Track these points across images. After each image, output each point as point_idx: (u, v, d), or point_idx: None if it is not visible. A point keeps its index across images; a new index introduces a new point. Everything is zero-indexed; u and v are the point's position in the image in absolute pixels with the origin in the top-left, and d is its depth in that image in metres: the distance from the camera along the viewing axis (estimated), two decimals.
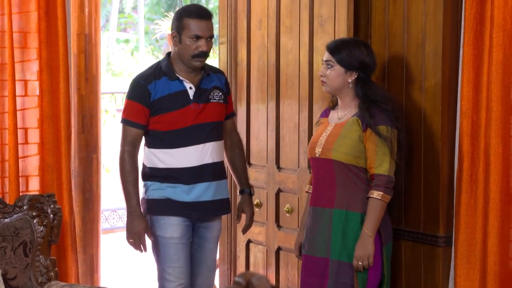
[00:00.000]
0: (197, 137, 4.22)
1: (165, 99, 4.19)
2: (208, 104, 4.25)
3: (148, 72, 4.28)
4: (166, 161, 4.23)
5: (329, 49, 4.03)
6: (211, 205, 4.27)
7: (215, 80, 4.31)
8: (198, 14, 4.19)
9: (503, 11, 3.84)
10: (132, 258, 8.54)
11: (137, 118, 4.21)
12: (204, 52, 4.18)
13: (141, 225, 4.20)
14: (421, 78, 4.12)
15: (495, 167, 3.88)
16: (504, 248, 3.91)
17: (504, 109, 3.87)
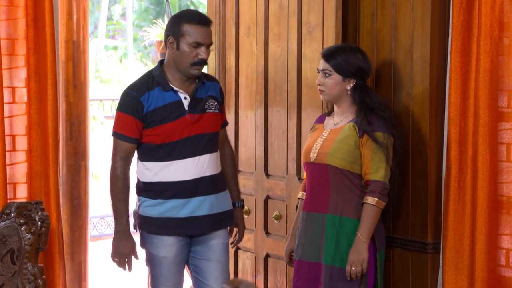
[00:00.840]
0: (193, 149, 4.07)
1: (159, 110, 4.03)
2: (204, 114, 4.10)
3: (140, 83, 4.11)
4: (160, 175, 4.08)
5: (325, 57, 4.02)
6: (208, 220, 4.12)
7: (210, 88, 4.17)
8: (199, 20, 4.04)
9: (490, 18, 3.85)
10: None
11: (129, 132, 4.05)
12: (204, 60, 4.04)
13: (128, 246, 4.08)
14: (409, 85, 4.13)
15: (483, 174, 3.89)
16: (492, 254, 3.91)
17: (492, 116, 3.88)
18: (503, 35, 3.86)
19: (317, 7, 4.44)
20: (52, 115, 4.50)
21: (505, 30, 3.86)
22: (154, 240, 4.10)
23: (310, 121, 4.49)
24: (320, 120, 4.19)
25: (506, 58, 3.86)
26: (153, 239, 4.11)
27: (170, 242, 4.09)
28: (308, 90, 4.53)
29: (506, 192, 3.90)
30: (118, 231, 4.09)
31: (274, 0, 4.72)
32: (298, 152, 4.59)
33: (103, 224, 10.39)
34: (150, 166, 4.09)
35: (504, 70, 3.87)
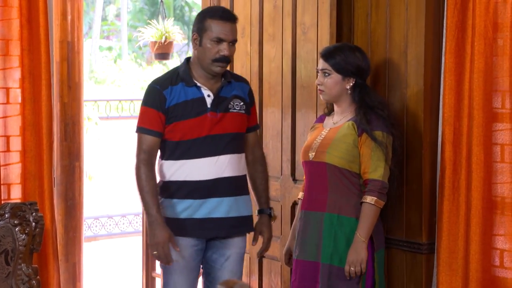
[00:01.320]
0: (212, 149, 3.96)
1: (181, 106, 3.94)
2: (227, 114, 3.99)
3: (164, 77, 4.04)
4: (177, 173, 3.98)
5: (324, 56, 4.02)
6: (225, 222, 4.00)
7: (237, 88, 4.06)
8: (223, 15, 3.94)
9: (484, 19, 3.86)
10: (115, 266, 8.51)
11: (153, 125, 3.96)
12: (226, 57, 3.93)
13: (164, 234, 3.90)
14: (403, 86, 4.13)
15: (477, 175, 3.90)
16: (486, 255, 3.92)
17: (486, 116, 3.89)
18: (497, 36, 3.87)
19: (312, 7, 4.44)
20: (47, 116, 4.49)
21: (499, 31, 3.86)
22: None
23: (305, 121, 4.49)
24: (320, 120, 4.19)
25: (500, 59, 3.86)
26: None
27: (184, 244, 3.98)
28: (303, 91, 4.53)
29: (500, 192, 3.91)
30: (150, 223, 3.94)
31: (269, 1, 4.73)
32: (292, 152, 4.59)
33: (97, 225, 10.39)
34: (168, 165, 4.01)
35: (498, 70, 3.88)
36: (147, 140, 3.97)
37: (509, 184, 3.87)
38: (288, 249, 4.24)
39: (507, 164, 3.87)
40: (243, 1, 4.90)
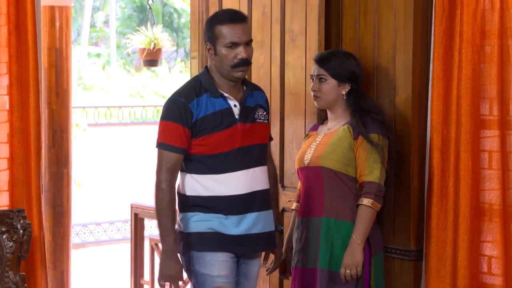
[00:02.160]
0: (246, 161, 3.78)
1: (210, 118, 3.74)
2: (255, 124, 3.84)
3: (187, 89, 3.81)
4: (211, 188, 3.77)
5: (319, 62, 4.00)
6: (261, 239, 3.84)
7: (259, 98, 3.92)
8: (231, 18, 3.76)
9: (472, 26, 3.87)
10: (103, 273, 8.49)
11: (177, 142, 3.73)
12: (244, 60, 3.75)
13: (177, 268, 3.73)
14: (391, 93, 4.14)
15: (465, 181, 3.91)
16: (474, 262, 3.93)
17: (474, 123, 3.90)
18: (484, 43, 3.89)
19: (300, 15, 4.44)
20: (35, 123, 4.48)
21: (486, 38, 3.88)
22: (207, 258, 3.77)
23: (293, 128, 4.49)
24: (314, 128, 4.17)
25: (488, 66, 3.88)
26: (205, 257, 3.77)
27: (224, 258, 3.78)
28: (291, 98, 4.53)
29: (488, 199, 3.92)
30: (165, 251, 3.75)
31: (257, 8, 4.73)
32: (281, 159, 4.59)
33: (85, 232, 10.37)
34: (199, 179, 3.79)
35: (486, 77, 3.89)
36: (170, 157, 3.75)
37: (497, 191, 3.88)
38: (283, 260, 4.18)
39: (495, 170, 3.88)
40: (232, 7, 4.88)
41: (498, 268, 3.88)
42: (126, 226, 10.26)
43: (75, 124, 11.38)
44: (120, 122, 22.02)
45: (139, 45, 7.96)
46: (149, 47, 7.81)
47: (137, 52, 8.16)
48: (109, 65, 30.81)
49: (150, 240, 6.39)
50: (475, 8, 3.87)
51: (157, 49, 7.86)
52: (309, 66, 4.32)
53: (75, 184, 10.86)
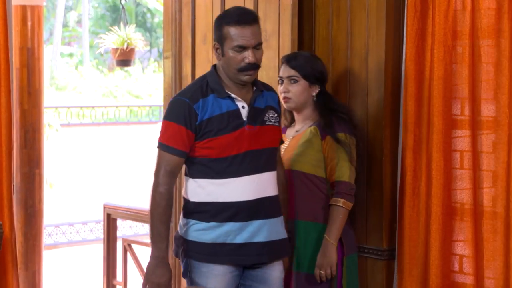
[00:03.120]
0: (253, 166, 3.59)
1: (216, 120, 3.55)
2: (264, 127, 3.64)
3: (193, 89, 3.63)
4: (215, 193, 3.58)
5: (290, 63, 3.99)
6: (267, 248, 3.63)
7: (269, 98, 3.72)
8: (239, 19, 3.56)
9: (443, 27, 3.90)
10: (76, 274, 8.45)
11: (179, 144, 3.55)
12: (252, 64, 3.56)
13: (166, 276, 3.55)
14: (364, 93, 4.15)
15: (437, 181, 3.93)
16: (446, 261, 3.95)
17: (446, 123, 3.92)
18: (456, 44, 3.91)
19: (273, 15, 4.45)
20: (6, 123, 4.45)
21: (458, 38, 3.90)
22: (203, 269, 3.60)
23: None
24: (282, 132, 4.11)
25: (460, 66, 3.90)
26: (202, 268, 3.61)
27: (221, 272, 3.60)
28: None
29: (459, 199, 3.94)
30: (155, 257, 3.56)
31: None
32: None
33: (58, 233, 10.32)
34: (203, 184, 3.60)
35: (458, 78, 3.92)
36: (171, 160, 3.57)
37: (468, 190, 3.91)
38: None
39: (466, 170, 3.91)
40: (205, 7, 4.89)
41: (470, 267, 3.91)
42: (99, 226, 10.23)
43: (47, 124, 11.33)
44: (93, 122, 21.93)
45: (112, 45, 7.92)
46: (122, 47, 7.77)
47: (110, 52, 8.12)
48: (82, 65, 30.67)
49: (123, 240, 6.37)
50: (447, 9, 3.90)
51: (130, 49, 7.83)
52: None
53: (47, 185, 10.81)
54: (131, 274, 6.32)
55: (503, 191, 3.77)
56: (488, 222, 3.84)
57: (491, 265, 3.84)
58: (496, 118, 3.81)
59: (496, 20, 3.77)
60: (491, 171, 3.85)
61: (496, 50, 3.79)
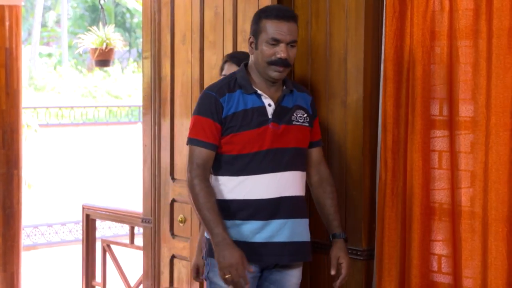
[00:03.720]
0: (275, 164, 3.57)
1: (240, 115, 3.56)
2: (290, 126, 3.62)
3: (220, 84, 3.65)
4: (235, 191, 3.57)
5: (239, 63, 3.92)
6: (286, 248, 3.60)
7: (300, 99, 3.70)
8: (278, 14, 3.57)
9: (422, 28, 3.92)
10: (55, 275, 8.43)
11: (208, 137, 3.56)
12: (283, 60, 3.55)
13: (236, 254, 3.45)
14: (343, 93, 4.16)
15: (416, 181, 3.95)
16: (424, 261, 3.96)
17: (424, 123, 3.94)
18: (434, 44, 3.93)
19: (252, 15, 4.44)
20: None
21: (436, 39, 3.92)
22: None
23: None
24: None
25: (438, 67, 3.92)
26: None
27: None
28: None
29: (438, 199, 3.95)
30: (217, 243, 3.49)
31: (210, 8, 4.73)
32: None
33: (36, 234, 10.29)
34: (224, 181, 3.60)
35: (436, 78, 3.93)
36: (201, 153, 3.56)
37: (446, 190, 3.92)
38: (195, 264, 4.13)
39: (445, 170, 3.93)
40: (184, 8, 4.90)
41: (448, 266, 3.93)
42: (78, 227, 10.21)
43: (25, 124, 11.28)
44: (72, 123, 21.88)
45: (91, 45, 7.90)
46: (101, 47, 7.76)
47: (89, 52, 8.11)
48: (60, 65, 30.57)
49: (102, 241, 6.36)
50: (425, 10, 3.91)
51: (109, 49, 7.81)
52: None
53: (26, 185, 10.77)
54: (110, 275, 6.31)
55: (480, 191, 3.79)
56: (466, 222, 3.86)
57: (469, 265, 3.86)
58: (474, 118, 3.83)
59: (474, 21, 3.79)
60: (469, 171, 3.87)
61: (474, 50, 3.81)
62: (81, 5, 33.15)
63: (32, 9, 30.28)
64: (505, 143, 3.68)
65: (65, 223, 10.61)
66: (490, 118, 3.70)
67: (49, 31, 33.10)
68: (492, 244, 3.70)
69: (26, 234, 9.97)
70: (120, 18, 32.91)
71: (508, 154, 3.69)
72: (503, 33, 3.67)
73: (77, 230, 10.39)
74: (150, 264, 5.28)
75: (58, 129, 20.47)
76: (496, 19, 3.68)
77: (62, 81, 28.63)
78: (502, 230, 3.69)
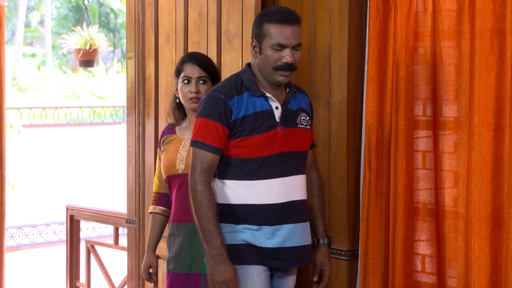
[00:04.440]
0: (284, 168, 3.52)
1: (249, 118, 3.49)
2: (296, 129, 3.58)
3: (227, 85, 3.56)
4: (244, 196, 3.51)
5: (201, 64, 3.97)
6: (297, 253, 3.58)
7: (301, 101, 3.67)
8: (282, 18, 3.50)
9: (405, 28, 3.93)
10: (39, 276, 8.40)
11: (215, 141, 3.48)
12: (289, 64, 3.50)
13: (229, 271, 3.43)
14: (327, 94, 4.17)
15: (400, 181, 3.96)
16: (408, 260, 3.98)
17: (408, 123, 3.95)
18: (418, 45, 3.94)
19: (236, 16, 4.46)
20: None
21: (419, 40, 3.94)
22: (239, 272, 3.50)
23: None
24: (170, 131, 4.08)
25: (421, 67, 3.94)
26: (237, 271, 3.50)
27: (256, 272, 3.52)
28: None
29: (422, 199, 3.97)
30: (212, 256, 3.45)
31: (194, 9, 4.74)
32: None
33: (20, 235, 10.25)
34: (232, 185, 3.53)
35: (420, 79, 3.95)
36: (206, 157, 3.48)
37: (430, 190, 3.94)
38: (148, 265, 4.14)
39: (428, 170, 3.94)
40: (168, 8, 4.90)
41: (432, 266, 3.95)
42: (62, 228, 10.18)
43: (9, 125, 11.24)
44: (55, 123, 21.82)
45: (74, 45, 7.90)
46: (85, 48, 7.76)
47: (73, 52, 8.10)
48: (44, 65, 30.48)
49: (86, 242, 6.34)
50: (408, 10, 3.93)
51: (93, 50, 7.81)
52: None
53: (9, 186, 10.74)
54: (95, 276, 6.30)
55: (464, 191, 3.81)
56: (450, 222, 3.88)
57: (452, 264, 3.88)
58: (457, 118, 3.85)
59: (457, 22, 3.81)
60: (452, 171, 3.89)
61: (457, 51, 3.83)
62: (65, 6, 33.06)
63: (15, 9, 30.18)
64: (488, 143, 3.71)
65: (49, 224, 10.58)
66: (473, 118, 3.72)
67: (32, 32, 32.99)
68: (475, 244, 3.71)
69: (10, 235, 9.94)
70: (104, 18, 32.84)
71: (491, 154, 3.71)
72: (485, 34, 3.69)
73: (61, 231, 10.37)
74: (135, 264, 5.28)
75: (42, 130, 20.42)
76: (479, 20, 3.70)
77: (46, 82, 28.54)
78: (485, 230, 3.71)
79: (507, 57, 3.65)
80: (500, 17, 3.67)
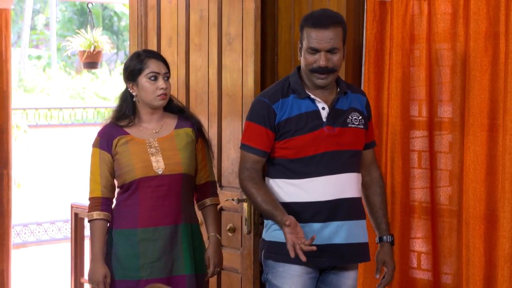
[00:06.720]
0: (331, 167, 3.51)
1: (294, 120, 3.51)
2: (346, 129, 3.54)
3: (274, 89, 3.59)
4: (293, 194, 3.52)
5: (164, 60, 3.90)
6: (345, 249, 3.53)
7: (354, 101, 3.61)
8: (315, 22, 3.48)
9: (401, 31, 3.98)
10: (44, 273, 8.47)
11: (258, 143, 3.54)
12: (322, 68, 3.47)
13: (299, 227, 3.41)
14: None
15: (396, 180, 4.02)
16: (404, 257, 4.04)
17: (404, 124, 4.01)
18: (414, 47, 3.99)
19: (237, 18, 4.50)
20: None
21: (415, 42, 3.99)
22: (280, 269, 3.53)
23: (231, 129, 4.54)
24: (120, 132, 3.87)
25: (417, 69, 3.99)
26: (279, 268, 3.53)
27: (298, 272, 3.51)
28: (229, 99, 4.58)
29: (417, 197, 4.02)
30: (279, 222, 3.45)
31: (195, 12, 4.76)
32: (219, 159, 4.62)
33: (26, 232, 10.31)
34: (281, 184, 3.55)
35: (415, 80, 4.00)
36: (250, 158, 3.56)
37: (426, 189, 3.99)
38: (103, 274, 3.84)
39: (423, 170, 3.99)
40: (170, 11, 4.93)
41: (427, 263, 3.99)
42: (67, 225, 10.23)
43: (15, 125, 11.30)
44: (60, 124, 21.86)
45: (79, 47, 7.96)
46: (89, 50, 7.81)
47: (77, 54, 8.16)
48: (49, 67, 30.50)
49: None
50: (405, 14, 3.98)
51: (97, 52, 7.87)
52: (245, 69, 4.39)
53: (15, 185, 10.80)
54: None
55: (459, 189, 3.86)
56: (445, 220, 3.93)
57: (447, 261, 3.93)
58: (452, 119, 3.89)
59: (452, 25, 3.86)
60: (447, 170, 3.93)
61: (452, 53, 3.88)
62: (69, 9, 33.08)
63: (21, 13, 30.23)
64: (482, 143, 3.75)
65: (54, 222, 10.62)
66: (468, 119, 3.77)
67: (38, 34, 33.03)
68: (470, 242, 3.76)
69: (16, 232, 10.00)
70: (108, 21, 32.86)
71: (485, 154, 3.76)
72: (479, 36, 3.74)
73: (66, 228, 10.41)
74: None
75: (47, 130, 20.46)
76: (473, 23, 3.75)
77: (51, 83, 28.57)
78: (479, 228, 3.76)
79: (501, 59, 3.70)
80: (494, 20, 3.72)
